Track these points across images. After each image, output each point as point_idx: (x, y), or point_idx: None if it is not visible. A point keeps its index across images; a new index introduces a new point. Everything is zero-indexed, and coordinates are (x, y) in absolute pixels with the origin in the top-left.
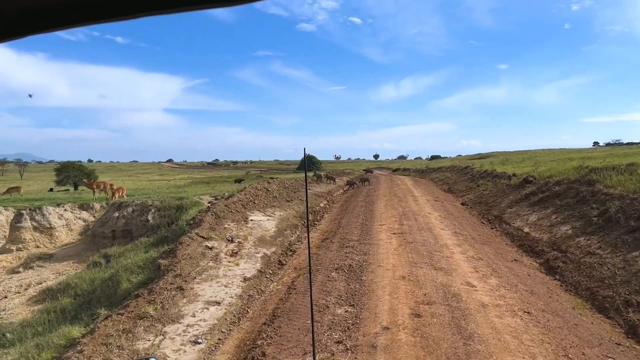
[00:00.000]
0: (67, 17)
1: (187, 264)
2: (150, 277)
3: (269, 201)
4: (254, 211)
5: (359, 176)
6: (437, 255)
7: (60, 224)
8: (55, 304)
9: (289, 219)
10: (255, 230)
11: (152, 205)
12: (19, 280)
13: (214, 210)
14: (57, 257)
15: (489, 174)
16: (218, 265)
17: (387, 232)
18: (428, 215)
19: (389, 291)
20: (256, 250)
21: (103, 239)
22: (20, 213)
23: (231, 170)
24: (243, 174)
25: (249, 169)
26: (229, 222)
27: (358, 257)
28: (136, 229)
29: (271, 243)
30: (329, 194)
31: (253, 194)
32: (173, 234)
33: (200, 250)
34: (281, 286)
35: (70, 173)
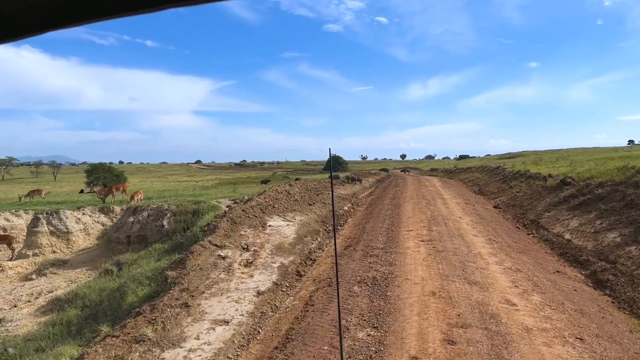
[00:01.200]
0: (77, 13)
1: (196, 276)
2: (157, 291)
3: (290, 205)
4: (273, 216)
5: (385, 176)
6: (470, 267)
7: (77, 229)
8: (62, 315)
9: (310, 224)
10: (273, 237)
11: (168, 209)
12: (31, 288)
13: (230, 215)
14: (71, 264)
15: (522, 174)
16: (230, 277)
17: (414, 239)
18: (459, 219)
19: (417, 310)
20: (273, 259)
21: (118, 245)
22: (37, 217)
23: (258, 171)
24: (270, 174)
25: (275, 170)
26: (245, 229)
27: (383, 268)
28: (151, 235)
29: (289, 251)
30: (353, 196)
31: (273, 197)
32: (188, 240)
33: (212, 260)
34: (298, 301)
35: (100, 174)
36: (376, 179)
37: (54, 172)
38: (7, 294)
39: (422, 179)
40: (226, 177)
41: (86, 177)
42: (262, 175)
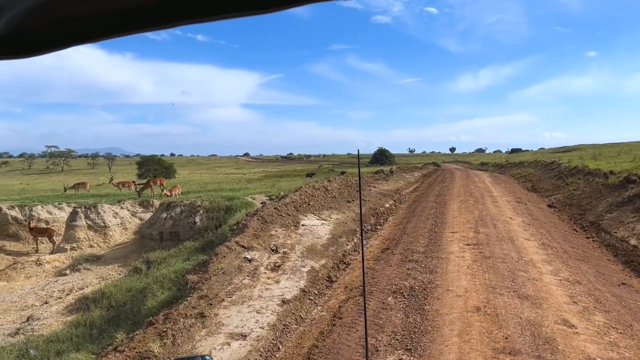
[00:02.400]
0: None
1: (218, 282)
2: (176, 295)
3: (327, 202)
4: (307, 214)
5: (432, 170)
6: (521, 277)
7: (114, 223)
8: (87, 316)
9: (346, 223)
10: (306, 237)
11: (201, 206)
12: (63, 284)
13: (261, 213)
14: (105, 260)
15: (579, 170)
16: (254, 282)
17: (459, 243)
18: (509, 220)
19: (458, 329)
20: (303, 262)
21: (151, 241)
22: (75, 211)
23: (304, 164)
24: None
25: (321, 163)
26: (276, 228)
27: (422, 275)
28: (183, 232)
29: (322, 254)
30: (396, 192)
31: (309, 194)
32: (218, 239)
33: (237, 263)
34: (325, 313)
35: (150, 166)
36: (422, 174)
37: (108, 164)
38: (41, 289)
39: (470, 174)
40: (272, 169)
41: (137, 169)
42: (308, 168)
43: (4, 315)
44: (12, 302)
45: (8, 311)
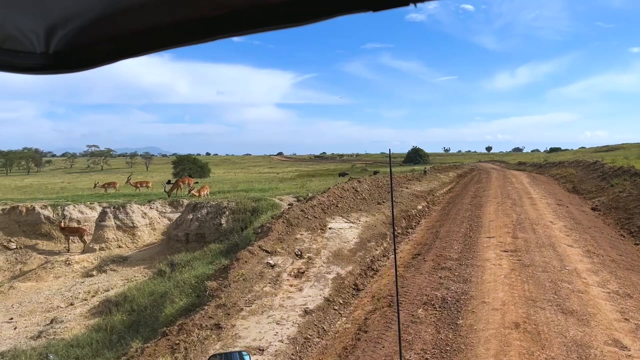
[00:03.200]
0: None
1: (238, 289)
2: (195, 303)
3: (356, 204)
4: (335, 217)
5: (468, 170)
6: (564, 289)
7: (143, 223)
8: (108, 320)
9: (376, 227)
10: (332, 241)
11: (227, 207)
12: (89, 285)
13: (286, 216)
14: (131, 261)
15: (625, 171)
16: (276, 290)
17: (496, 249)
18: (550, 224)
19: (495, 349)
20: (328, 269)
21: (177, 243)
22: (104, 211)
23: (337, 163)
24: (348, 166)
25: (354, 162)
26: (302, 231)
27: (456, 285)
28: (209, 233)
29: (349, 259)
30: (430, 193)
31: (338, 195)
32: (243, 242)
33: (259, 269)
34: (350, 325)
35: (186, 166)
36: (457, 174)
37: (146, 163)
38: (67, 290)
39: (507, 174)
40: (306, 169)
41: (173, 168)
42: (341, 168)
43: (29, 317)
44: (39, 303)
45: (34, 312)
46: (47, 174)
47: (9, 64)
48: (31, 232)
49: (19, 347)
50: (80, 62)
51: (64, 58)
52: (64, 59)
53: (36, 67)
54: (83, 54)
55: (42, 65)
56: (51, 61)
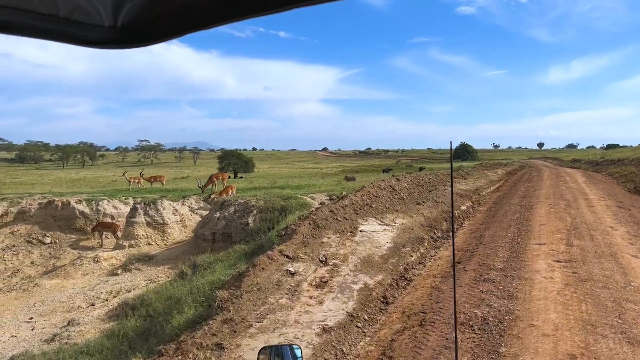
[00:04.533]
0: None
1: (250, 301)
2: (202, 315)
3: (392, 204)
4: (368, 218)
5: (518, 167)
6: (630, 311)
7: (173, 220)
8: (122, 325)
9: (413, 229)
10: (362, 246)
11: (255, 206)
12: (112, 285)
13: (313, 217)
14: (157, 260)
15: None
16: (293, 302)
17: (547, 259)
18: (610, 230)
19: None
20: (355, 278)
21: (203, 242)
22: (135, 207)
23: (382, 159)
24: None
25: (399, 158)
26: (329, 234)
27: (499, 302)
28: (236, 233)
29: (379, 267)
30: (475, 192)
31: (373, 194)
32: (267, 244)
33: (277, 278)
34: (374, 347)
35: (230, 160)
36: (506, 171)
37: (194, 157)
38: (90, 289)
39: (561, 172)
40: (350, 164)
41: (218, 163)
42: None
43: (49, 317)
44: (61, 302)
45: (54, 312)
46: (100, 168)
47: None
48: (66, 226)
49: (30, 352)
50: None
51: (131, 32)
52: (130, 33)
53: (103, 41)
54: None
55: (109, 39)
56: (118, 35)
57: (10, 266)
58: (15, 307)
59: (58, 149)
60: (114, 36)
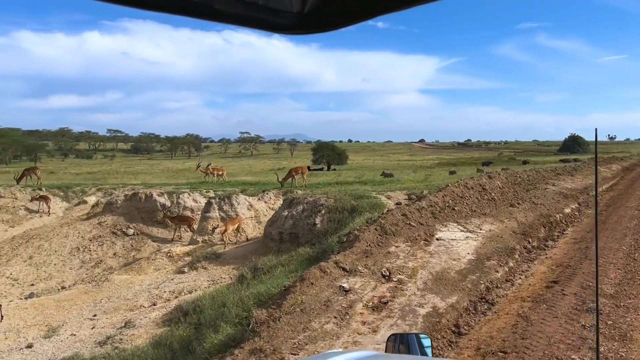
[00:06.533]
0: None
1: (289, 325)
2: (235, 338)
3: (480, 206)
4: (448, 223)
5: (638, 162)
6: None
7: (247, 216)
8: (170, 332)
9: (502, 238)
10: (437, 257)
11: (324, 205)
12: (177, 284)
13: (382, 221)
14: (224, 258)
15: None
16: (341, 329)
17: None
18: None
19: None
20: (422, 299)
21: (271, 242)
22: (209, 201)
23: (482, 152)
24: (494, 155)
25: (501, 150)
26: (398, 242)
27: (607, 344)
28: (303, 234)
29: (454, 285)
30: (583, 191)
31: (458, 194)
32: (329, 250)
33: (327, 295)
34: None
35: (324, 152)
36: (622, 166)
37: (291, 149)
38: (155, 287)
39: None
40: (447, 157)
41: (312, 155)
42: (485, 156)
43: (111, 315)
44: (126, 299)
45: (117, 310)
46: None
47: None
48: (148, 219)
49: (79, 355)
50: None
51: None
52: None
53: (291, 27)
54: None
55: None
56: (304, 21)
57: (95, 257)
58: (84, 302)
59: (167, 141)
60: (300, 22)
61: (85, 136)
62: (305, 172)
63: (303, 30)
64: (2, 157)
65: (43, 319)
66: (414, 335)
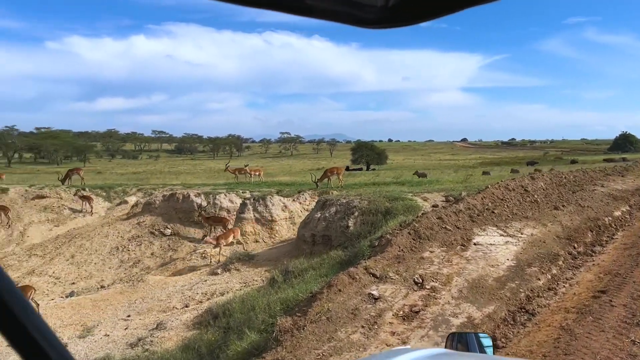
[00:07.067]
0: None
1: (314, 334)
2: (259, 346)
3: (522, 209)
4: (486, 227)
5: None
6: None
7: (282, 217)
8: (199, 336)
9: (544, 243)
10: (474, 263)
11: (357, 206)
12: (209, 286)
13: (416, 224)
14: (257, 260)
15: None
16: (368, 339)
17: None
18: None
19: None
20: (457, 308)
21: (304, 244)
22: (244, 202)
23: (527, 151)
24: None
25: (547, 150)
26: (433, 248)
27: None
28: (335, 236)
29: (492, 293)
30: (635, 193)
31: (498, 197)
32: (360, 255)
33: (355, 303)
34: None
35: (364, 152)
36: None
37: (330, 149)
38: (189, 288)
39: None
40: (491, 156)
41: (351, 155)
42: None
43: (144, 316)
44: (159, 300)
45: (151, 311)
46: (245, 158)
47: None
48: (185, 219)
49: (110, 356)
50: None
51: (399, 11)
52: (399, 13)
53: (375, 21)
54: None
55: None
56: (388, 14)
57: (133, 256)
58: (119, 302)
59: (210, 141)
60: (384, 16)
61: (132, 137)
62: (341, 172)
63: (387, 24)
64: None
65: (79, 319)
66: (472, 334)
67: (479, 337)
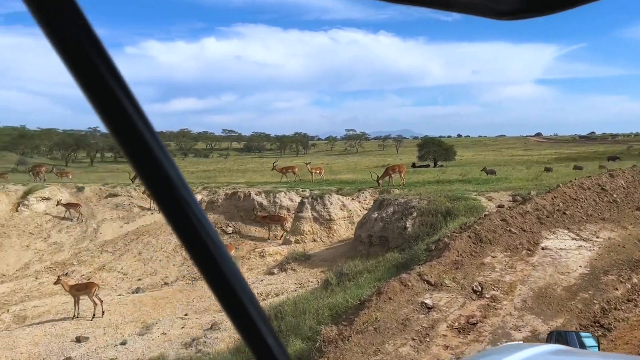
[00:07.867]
0: None
1: (359, 346)
2: (302, 356)
3: (598, 209)
4: (556, 229)
5: None
6: None
7: (340, 216)
8: None
9: (624, 247)
10: (541, 270)
11: (415, 207)
12: (265, 286)
13: (477, 227)
14: (313, 260)
15: None
16: (419, 354)
17: None
18: None
19: None
20: (519, 320)
21: (360, 244)
22: (302, 201)
23: (608, 145)
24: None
25: (631, 143)
26: (495, 252)
27: None
28: (393, 238)
29: (561, 304)
30: None
31: (570, 196)
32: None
33: (406, 313)
34: None
35: (431, 148)
36: None
37: (396, 145)
38: None
39: None
40: (567, 151)
41: (418, 151)
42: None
43: (201, 316)
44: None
45: (207, 311)
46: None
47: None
48: (246, 217)
49: (164, 356)
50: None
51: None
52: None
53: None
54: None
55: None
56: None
57: None
58: (178, 300)
59: (277, 140)
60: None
61: (203, 136)
62: (403, 170)
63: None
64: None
65: (140, 316)
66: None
67: (581, 336)
